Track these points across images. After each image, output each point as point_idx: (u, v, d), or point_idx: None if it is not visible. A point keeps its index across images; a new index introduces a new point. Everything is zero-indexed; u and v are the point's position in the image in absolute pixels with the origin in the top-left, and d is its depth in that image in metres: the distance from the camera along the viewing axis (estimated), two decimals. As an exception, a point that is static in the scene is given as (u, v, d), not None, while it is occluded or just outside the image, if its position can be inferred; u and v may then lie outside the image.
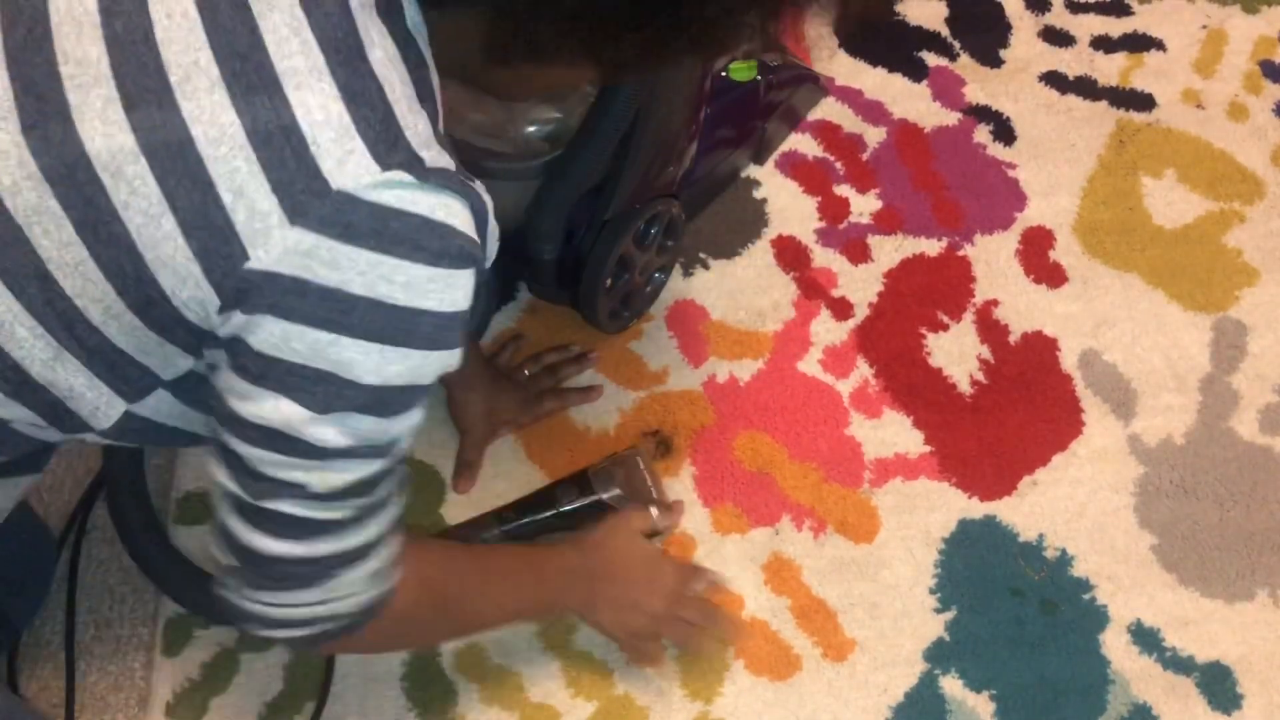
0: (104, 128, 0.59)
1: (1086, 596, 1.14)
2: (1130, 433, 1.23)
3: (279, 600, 0.71)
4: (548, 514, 1.12)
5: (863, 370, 1.26)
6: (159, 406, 0.70)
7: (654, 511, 1.12)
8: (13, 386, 0.66)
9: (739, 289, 1.31)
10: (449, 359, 0.65)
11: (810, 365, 1.27)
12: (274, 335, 0.61)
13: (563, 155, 1.07)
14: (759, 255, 1.34)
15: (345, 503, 0.68)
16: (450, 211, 0.61)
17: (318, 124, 0.58)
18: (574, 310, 1.21)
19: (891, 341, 1.28)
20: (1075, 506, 1.19)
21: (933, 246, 1.35)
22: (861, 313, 1.30)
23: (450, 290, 0.62)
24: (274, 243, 0.58)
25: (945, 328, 1.30)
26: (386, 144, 0.59)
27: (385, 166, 0.59)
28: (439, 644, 1.07)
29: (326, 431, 0.64)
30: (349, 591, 0.72)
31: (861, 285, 1.32)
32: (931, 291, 1.32)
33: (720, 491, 1.18)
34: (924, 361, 1.27)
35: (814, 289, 1.31)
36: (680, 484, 1.18)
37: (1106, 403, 1.25)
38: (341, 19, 0.60)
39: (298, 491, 0.67)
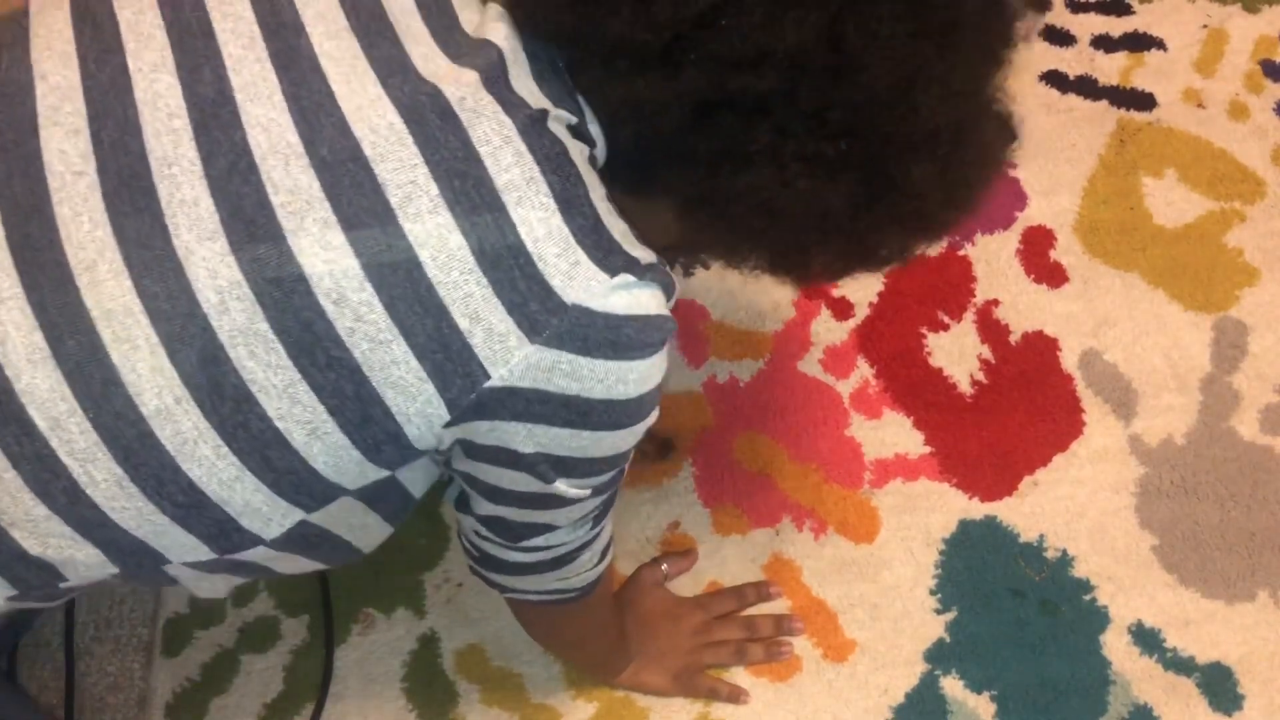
0: (324, 252, 0.57)
1: (1087, 597, 1.14)
2: (1131, 433, 1.23)
3: (525, 583, 0.80)
4: None
5: (863, 370, 1.26)
6: (337, 514, 0.68)
7: (664, 566, 1.12)
8: (182, 510, 0.63)
9: (739, 289, 1.31)
10: (655, 415, 0.68)
11: (810, 365, 1.26)
12: (516, 433, 0.62)
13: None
14: (759, 255, 1.33)
15: (590, 524, 0.75)
16: (661, 302, 0.62)
17: (540, 239, 0.58)
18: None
19: (892, 341, 1.28)
20: (1076, 507, 1.19)
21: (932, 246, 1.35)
22: (862, 312, 1.30)
23: (662, 364, 0.65)
24: (515, 362, 0.59)
25: (945, 328, 1.30)
26: (603, 250, 0.59)
27: (611, 273, 0.59)
28: (575, 658, 1.07)
29: (572, 490, 0.68)
30: (582, 570, 0.80)
31: (861, 285, 1.32)
32: (932, 291, 1.32)
33: (720, 492, 1.18)
34: (924, 361, 1.27)
35: (814, 289, 1.31)
36: (680, 484, 1.18)
37: (1107, 403, 1.25)
38: (539, 123, 0.60)
39: (547, 529, 0.73)
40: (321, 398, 0.60)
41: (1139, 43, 1.54)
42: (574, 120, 0.63)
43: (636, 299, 0.60)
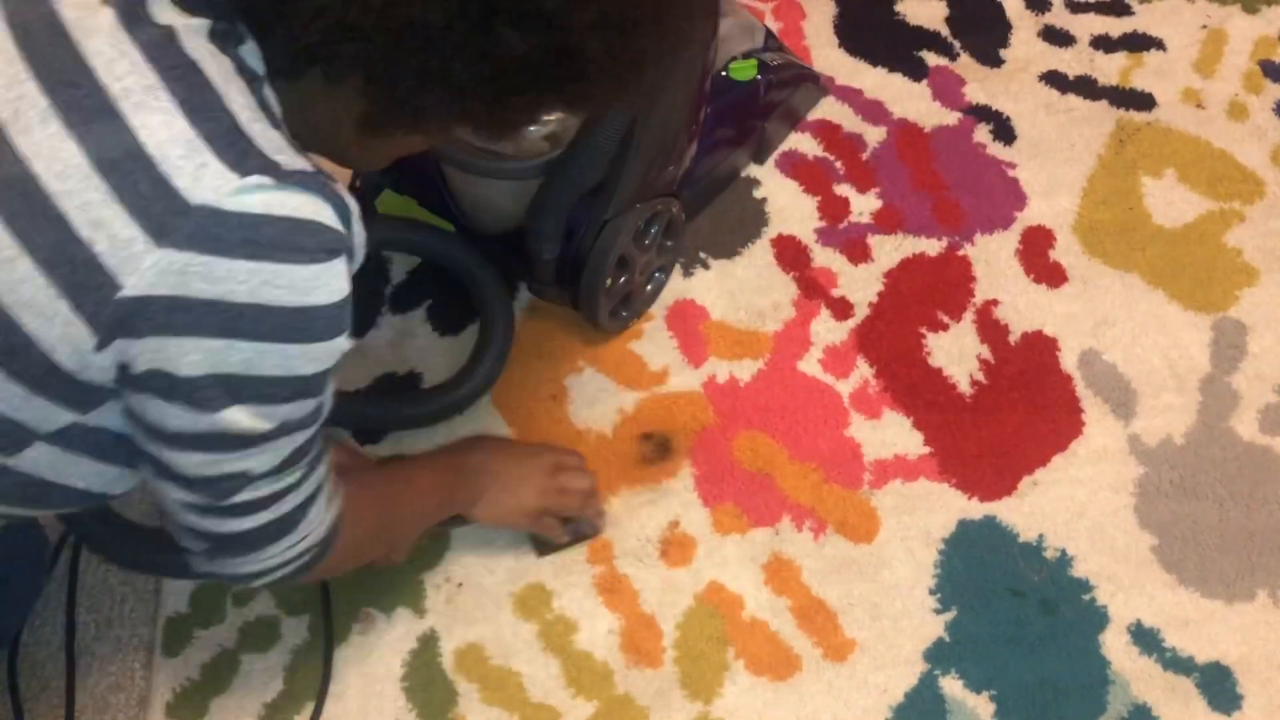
0: None
1: (1086, 597, 1.14)
2: (1130, 433, 1.23)
3: (259, 558, 0.76)
4: None
5: (863, 370, 1.26)
6: (39, 459, 0.68)
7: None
8: None
9: (739, 289, 1.31)
10: (345, 343, 0.67)
11: (810, 365, 1.27)
12: (166, 351, 0.61)
13: (563, 155, 1.07)
14: (759, 255, 1.33)
15: (292, 468, 0.72)
16: (317, 209, 0.61)
17: (163, 143, 0.57)
18: (574, 310, 1.21)
19: (891, 341, 1.28)
20: (1075, 507, 1.19)
21: (933, 246, 1.35)
22: (861, 313, 1.30)
23: (332, 281, 0.63)
24: (144, 267, 0.58)
25: (945, 328, 1.30)
26: (238, 152, 0.58)
27: (243, 173, 0.58)
28: (374, 557, 1.05)
29: (249, 420, 0.66)
30: (314, 525, 0.77)
31: (861, 285, 1.32)
32: (931, 291, 1.32)
33: (720, 491, 1.18)
34: (924, 361, 1.27)
35: (814, 289, 1.31)
36: (680, 484, 1.18)
37: (1106, 403, 1.25)
38: (165, 39, 0.59)
39: (245, 479, 0.70)
40: None
41: (1138, 43, 1.54)
42: (222, 28, 0.62)
43: (277, 199, 0.59)
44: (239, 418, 0.65)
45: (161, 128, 0.57)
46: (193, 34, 0.60)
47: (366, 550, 0.97)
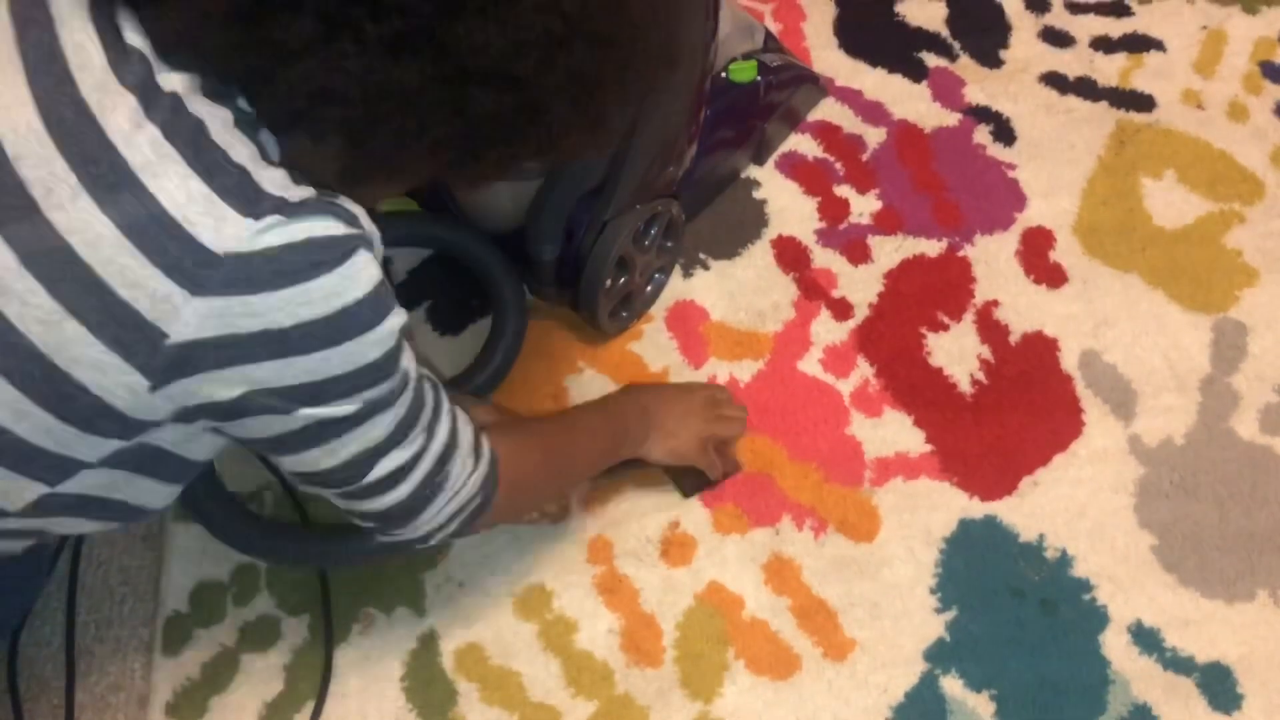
0: None
1: (1086, 597, 1.14)
2: (1130, 433, 1.23)
3: (421, 523, 0.83)
4: None
5: (863, 370, 1.26)
6: (85, 481, 0.73)
7: None
8: None
9: (739, 289, 1.31)
10: (396, 320, 0.70)
11: (810, 365, 1.27)
12: (231, 381, 0.66)
13: (563, 155, 1.07)
14: (759, 255, 1.34)
15: (408, 437, 0.77)
16: (326, 225, 0.65)
17: (183, 204, 0.62)
18: (574, 311, 1.21)
19: (892, 341, 1.28)
20: (1075, 507, 1.19)
21: (933, 247, 1.35)
22: (862, 313, 1.30)
23: (358, 276, 0.67)
24: (187, 316, 0.63)
25: (945, 328, 1.30)
26: (250, 199, 0.63)
27: (258, 217, 0.63)
28: (547, 501, 1.14)
29: (343, 409, 0.71)
30: (462, 482, 0.83)
31: (861, 285, 1.32)
32: (931, 292, 1.32)
33: (720, 491, 1.18)
34: (924, 361, 1.27)
35: (814, 289, 1.31)
36: (680, 484, 1.18)
37: (1106, 403, 1.25)
38: (175, 107, 0.64)
39: (369, 455, 0.75)
40: (12, 382, 0.65)
41: (1138, 44, 1.54)
42: (213, 85, 0.66)
43: (290, 231, 0.64)
44: (324, 411, 0.71)
45: (179, 190, 0.62)
46: (194, 96, 0.64)
47: (538, 495, 1.04)
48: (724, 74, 1.29)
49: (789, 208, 1.37)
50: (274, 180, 0.65)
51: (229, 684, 1.07)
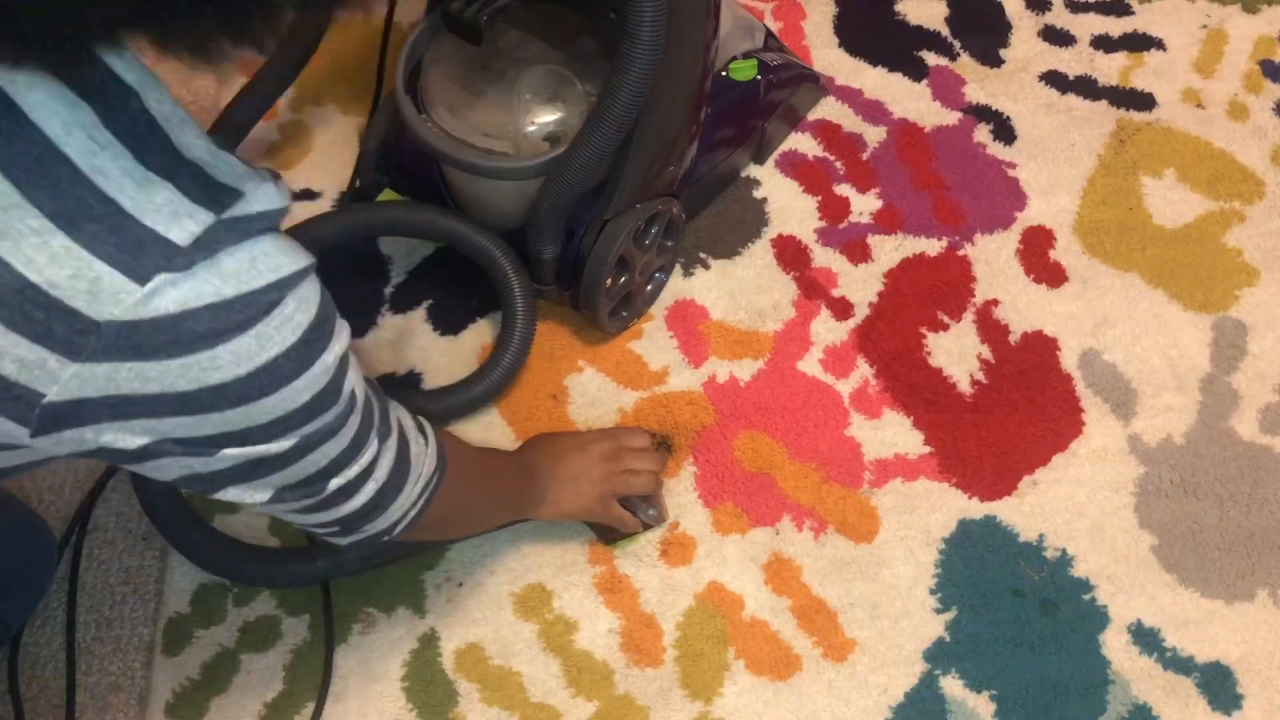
0: None
1: (1086, 597, 1.14)
2: (1130, 433, 1.23)
3: (390, 515, 0.79)
4: None
5: (863, 370, 1.26)
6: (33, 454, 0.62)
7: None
8: None
9: (739, 289, 1.31)
10: (334, 351, 0.61)
11: (810, 365, 1.27)
12: (133, 431, 0.56)
13: (563, 155, 1.07)
14: (759, 255, 1.34)
15: (360, 449, 0.70)
16: (236, 271, 0.53)
17: (43, 268, 0.49)
18: (574, 310, 1.21)
19: (891, 341, 1.28)
20: (1075, 506, 1.19)
21: (933, 246, 1.35)
22: (861, 312, 1.30)
23: (283, 327, 0.56)
24: (66, 378, 0.52)
25: (945, 328, 1.30)
26: (129, 253, 0.50)
27: (141, 279, 0.50)
28: (475, 525, 1.09)
29: (276, 447, 0.62)
30: (422, 461, 0.80)
31: (861, 285, 1.32)
32: (931, 291, 1.32)
33: (720, 491, 1.18)
34: (924, 361, 1.27)
35: (814, 289, 1.31)
36: (680, 484, 1.18)
37: (1106, 403, 1.25)
38: (14, 123, 0.49)
39: (316, 479, 0.68)
40: None
41: (1138, 43, 1.54)
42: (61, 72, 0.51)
43: (191, 292, 0.51)
44: (253, 451, 0.61)
45: (37, 252, 0.49)
46: (43, 108, 0.50)
47: (467, 499, 0.95)
48: (724, 73, 1.29)
49: (789, 207, 1.37)
50: (157, 207, 0.51)
51: (229, 684, 1.07)
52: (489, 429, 1.21)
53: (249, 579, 1.11)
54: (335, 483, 0.70)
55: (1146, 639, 1.12)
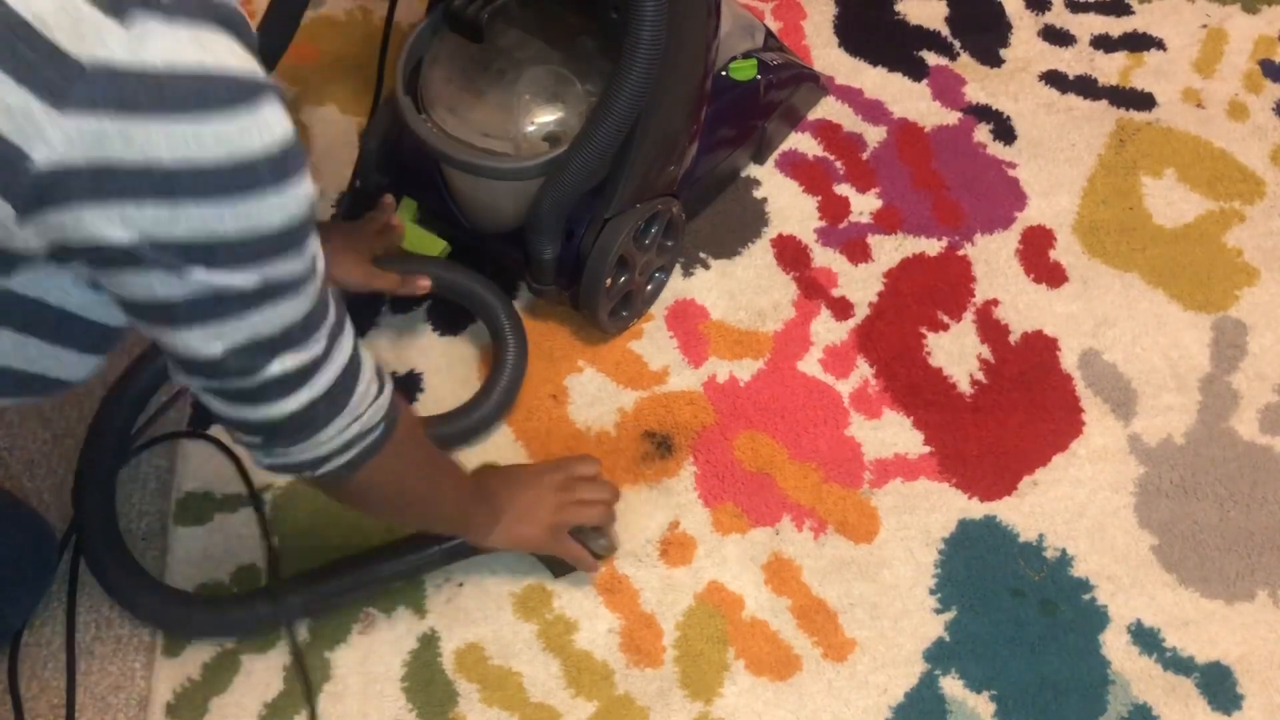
0: None
1: (1086, 597, 1.14)
2: (1130, 433, 1.23)
3: (317, 441, 0.75)
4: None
5: (863, 370, 1.26)
6: None
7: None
8: None
9: (739, 289, 1.31)
10: (304, 189, 0.62)
11: (810, 365, 1.27)
12: (108, 218, 0.57)
13: (563, 155, 1.07)
14: (759, 255, 1.34)
15: (312, 334, 0.69)
16: (214, 46, 0.56)
17: (31, 2, 0.52)
18: (574, 310, 1.21)
19: (891, 341, 1.28)
20: (1075, 506, 1.19)
21: (933, 246, 1.35)
22: (861, 312, 1.30)
23: (264, 125, 0.58)
24: (51, 135, 0.54)
25: (945, 327, 1.30)
26: None
27: (121, 18, 0.53)
28: (413, 516, 1.04)
29: (239, 279, 0.62)
30: (369, 401, 0.77)
31: (861, 285, 1.32)
32: (931, 291, 1.32)
33: (720, 491, 1.18)
34: (924, 361, 1.27)
35: (814, 289, 1.31)
36: (680, 484, 1.18)
37: (1106, 403, 1.25)
38: None
39: (268, 346, 0.67)
40: None
41: (1139, 43, 1.54)
42: None
43: (176, 46, 0.55)
44: (219, 278, 0.61)
45: None
46: None
47: (406, 491, 0.93)
48: (724, 72, 1.29)
49: (789, 206, 1.37)
50: None
51: (229, 684, 1.07)
52: (488, 429, 1.20)
53: (196, 630, 1.09)
54: (276, 367, 0.68)
55: (1146, 639, 1.12)
